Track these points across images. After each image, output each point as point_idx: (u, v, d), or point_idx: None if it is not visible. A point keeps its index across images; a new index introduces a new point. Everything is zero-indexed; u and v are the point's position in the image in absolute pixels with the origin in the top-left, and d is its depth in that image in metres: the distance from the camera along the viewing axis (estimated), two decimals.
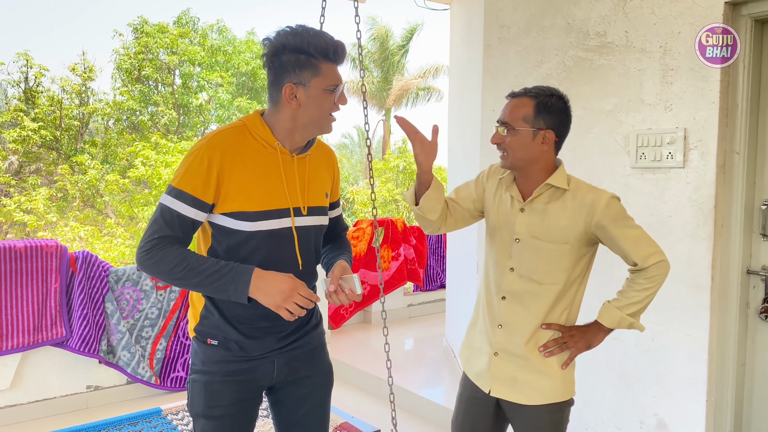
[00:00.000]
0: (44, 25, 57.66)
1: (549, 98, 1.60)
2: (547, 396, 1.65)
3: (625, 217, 1.59)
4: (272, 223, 1.46)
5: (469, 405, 1.78)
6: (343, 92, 1.48)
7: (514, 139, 1.60)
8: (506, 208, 1.69)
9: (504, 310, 1.67)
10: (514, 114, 1.61)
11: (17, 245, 3.26)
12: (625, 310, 1.61)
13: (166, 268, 1.38)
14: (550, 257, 1.61)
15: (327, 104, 1.46)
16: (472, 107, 3.46)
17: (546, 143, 1.60)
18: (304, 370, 1.60)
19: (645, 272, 1.58)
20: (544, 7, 2.74)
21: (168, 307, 3.73)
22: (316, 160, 1.60)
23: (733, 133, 2.17)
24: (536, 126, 1.59)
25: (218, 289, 1.39)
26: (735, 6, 2.13)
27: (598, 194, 1.59)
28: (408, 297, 5.58)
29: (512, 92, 1.68)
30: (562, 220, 1.60)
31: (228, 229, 1.45)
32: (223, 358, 1.51)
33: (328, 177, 1.65)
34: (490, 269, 1.73)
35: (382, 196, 13.87)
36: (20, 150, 12.86)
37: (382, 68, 21.60)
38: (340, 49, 1.46)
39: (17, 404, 3.32)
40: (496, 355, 1.69)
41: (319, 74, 1.43)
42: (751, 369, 2.24)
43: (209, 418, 1.51)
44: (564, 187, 1.61)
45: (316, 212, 1.57)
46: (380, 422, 3.28)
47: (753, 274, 2.21)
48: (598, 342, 1.67)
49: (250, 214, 1.43)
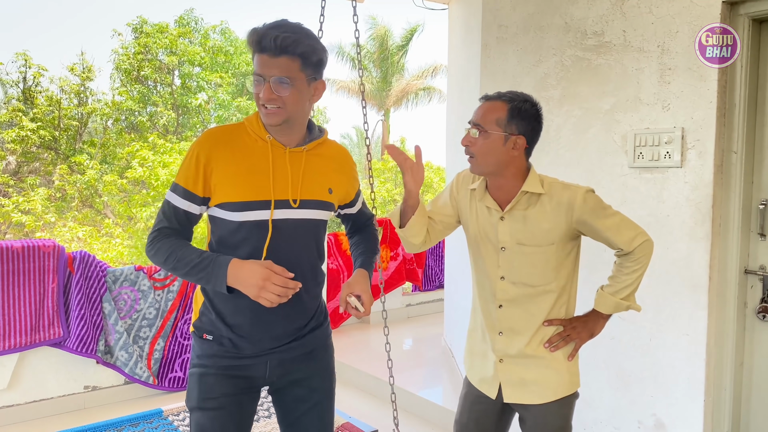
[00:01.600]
0: (43, 25, 57.58)
1: (523, 103, 1.59)
2: (556, 392, 1.67)
3: (603, 207, 1.61)
4: (257, 214, 1.46)
5: (474, 404, 1.78)
6: (268, 85, 1.40)
7: (485, 142, 1.59)
8: (485, 217, 1.68)
9: (503, 318, 1.68)
10: (486, 117, 1.60)
11: (14, 245, 3.25)
12: (619, 294, 1.65)
13: (161, 258, 1.46)
14: (538, 260, 1.62)
15: (256, 94, 1.45)
16: (470, 107, 3.45)
17: (516, 149, 1.60)
18: (301, 372, 1.60)
19: (631, 255, 1.62)
20: (542, 7, 2.74)
21: (166, 307, 3.72)
22: (321, 156, 1.58)
23: (731, 133, 2.17)
24: (508, 131, 1.58)
25: (203, 280, 1.44)
26: (733, 5, 2.13)
27: (574, 191, 1.60)
28: (406, 297, 5.58)
29: (485, 95, 1.66)
30: (544, 223, 1.61)
31: (218, 219, 1.50)
32: (217, 352, 1.53)
33: (338, 174, 1.62)
34: (481, 279, 1.73)
35: (381, 196, 13.87)
36: (18, 150, 12.84)
37: (381, 68, 21.60)
38: (265, 39, 1.38)
39: (14, 405, 3.32)
40: (501, 362, 1.69)
41: (254, 66, 1.44)
42: (749, 369, 2.24)
43: (203, 410, 1.51)
44: (539, 192, 1.61)
45: (312, 206, 1.54)
46: (380, 422, 3.28)
47: (751, 273, 2.20)
48: (599, 329, 1.72)
49: (235, 205, 1.46)
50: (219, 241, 1.51)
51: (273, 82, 1.39)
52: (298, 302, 1.53)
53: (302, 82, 1.43)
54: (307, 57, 1.42)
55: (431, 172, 15.38)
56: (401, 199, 8.66)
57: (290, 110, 1.44)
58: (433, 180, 15.12)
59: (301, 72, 1.42)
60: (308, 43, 1.42)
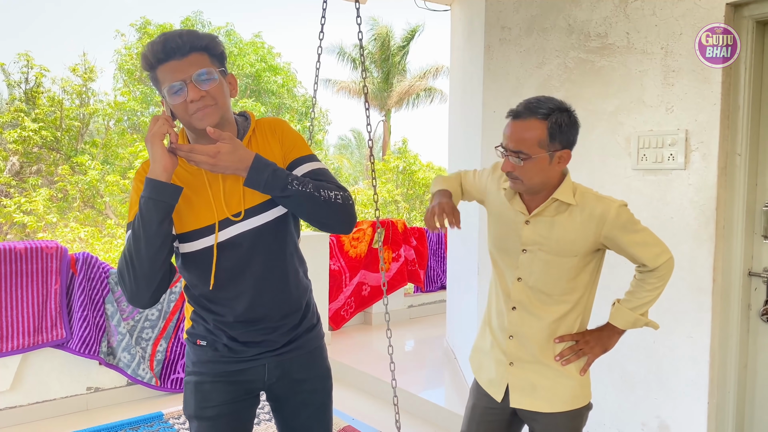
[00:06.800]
0: (45, 26, 57.63)
1: (560, 116, 1.49)
2: (567, 402, 1.62)
3: (633, 223, 1.55)
4: (203, 242, 1.41)
5: (483, 416, 1.73)
6: (191, 85, 1.31)
7: (531, 166, 1.50)
8: (510, 218, 1.64)
9: (515, 321, 1.64)
10: (526, 140, 1.48)
11: (17, 246, 3.25)
12: (638, 310, 1.60)
13: (122, 269, 1.34)
14: (559, 270, 1.57)
15: (182, 105, 1.34)
16: (473, 109, 3.46)
17: (563, 162, 1.54)
18: (299, 374, 1.57)
19: (656, 272, 1.56)
20: (545, 9, 2.74)
21: (168, 308, 3.73)
22: (257, 148, 1.46)
23: (735, 135, 2.16)
24: (551, 149, 1.50)
25: (152, 215, 1.30)
26: (737, 7, 2.13)
27: (607, 204, 1.53)
28: (408, 298, 5.58)
29: (514, 111, 1.53)
30: (571, 233, 1.55)
31: (177, 251, 1.45)
32: (212, 358, 1.50)
33: (275, 152, 1.47)
34: (498, 278, 1.70)
35: (383, 196, 13.87)
36: (21, 151, 12.86)
37: (382, 69, 21.60)
38: (168, 44, 1.31)
39: (17, 406, 3.32)
40: (512, 365, 1.65)
41: (162, 82, 1.34)
42: (753, 371, 2.23)
43: (202, 419, 1.49)
44: (570, 202, 1.55)
45: (260, 210, 1.43)
46: (382, 424, 3.27)
47: (755, 275, 2.20)
48: (613, 344, 1.66)
49: (180, 237, 1.42)
50: (180, 267, 1.48)
51: (195, 80, 1.32)
52: (283, 290, 1.49)
53: (218, 74, 1.37)
54: (212, 49, 1.37)
55: (432, 173, 15.37)
56: (402, 200, 8.59)
57: (221, 106, 1.37)
58: None
59: (212, 65, 1.36)
60: (205, 35, 1.37)
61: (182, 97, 1.33)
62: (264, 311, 1.48)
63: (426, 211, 1.72)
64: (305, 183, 1.37)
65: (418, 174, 15.03)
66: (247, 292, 1.45)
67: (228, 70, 1.44)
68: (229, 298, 1.45)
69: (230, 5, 51.94)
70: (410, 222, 14.20)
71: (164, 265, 1.34)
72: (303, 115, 16.73)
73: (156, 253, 1.31)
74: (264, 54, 16.88)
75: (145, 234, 1.30)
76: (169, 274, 1.36)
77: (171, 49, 1.31)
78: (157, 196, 1.30)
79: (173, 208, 1.33)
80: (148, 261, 1.31)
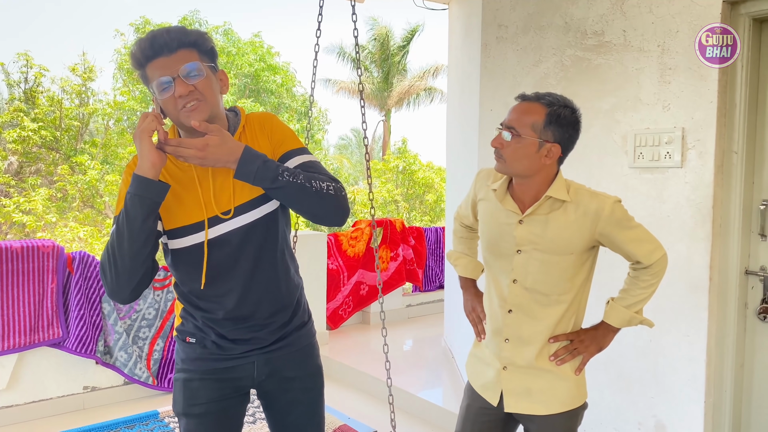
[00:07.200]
0: (44, 26, 57.65)
1: (562, 109, 1.50)
2: (564, 403, 1.61)
3: (628, 219, 1.54)
4: (192, 238, 1.41)
5: (478, 416, 1.72)
6: (179, 80, 1.30)
7: (518, 147, 1.50)
8: (503, 218, 1.62)
9: (511, 324, 1.62)
10: (522, 119, 1.50)
11: (14, 245, 3.25)
12: (633, 308, 1.59)
13: (104, 263, 1.33)
14: (555, 269, 1.56)
15: (170, 100, 1.33)
16: (470, 107, 3.46)
17: (549, 157, 1.51)
18: (289, 371, 1.55)
19: (650, 269, 1.55)
20: (542, 7, 2.73)
21: (165, 307, 3.72)
22: (249, 141, 1.45)
23: (732, 133, 2.16)
24: (543, 137, 1.49)
25: (137, 211, 1.29)
26: (733, 5, 2.12)
27: (602, 201, 1.52)
28: (407, 297, 5.57)
29: (523, 94, 1.56)
30: (566, 231, 1.54)
31: (166, 248, 1.45)
32: (200, 355, 1.49)
33: (265, 147, 1.46)
34: (493, 280, 1.68)
35: (382, 196, 13.88)
36: (20, 150, 12.87)
37: (382, 69, 21.60)
38: (156, 41, 1.31)
39: (13, 405, 3.31)
40: (505, 369, 1.64)
41: (151, 79, 1.34)
42: (749, 370, 2.23)
43: (190, 416, 1.48)
44: (564, 199, 1.54)
45: (249, 207, 1.42)
46: (379, 424, 3.27)
47: (751, 274, 2.19)
48: (608, 343, 1.65)
49: (168, 233, 1.42)
50: (170, 264, 1.47)
51: (183, 75, 1.31)
52: (273, 287, 1.48)
53: (207, 70, 1.36)
54: (200, 45, 1.35)
55: (432, 173, 15.37)
56: (402, 200, 8.60)
57: (210, 101, 1.35)
58: (434, 180, 15.10)
59: (201, 61, 1.35)
60: (193, 32, 1.35)
61: (170, 93, 1.32)
62: (253, 308, 1.47)
63: (465, 313, 1.90)
64: (296, 174, 1.35)
65: (417, 174, 15.03)
66: (236, 289, 1.44)
67: (219, 67, 1.43)
68: (218, 295, 1.45)
69: (230, 5, 52.07)
70: (409, 222, 14.20)
71: (147, 261, 1.33)
72: (302, 114, 16.73)
73: (139, 250, 1.30)
74: (263, 53, 16.88)
75: (129, 230, 1.29)
76: (152, 270, 1.36)
77: (159, 45, 1.31)
78: (143, 192, 1.29)
79: (159, 205, 1.32)
80: (130, 257, 1.30)
